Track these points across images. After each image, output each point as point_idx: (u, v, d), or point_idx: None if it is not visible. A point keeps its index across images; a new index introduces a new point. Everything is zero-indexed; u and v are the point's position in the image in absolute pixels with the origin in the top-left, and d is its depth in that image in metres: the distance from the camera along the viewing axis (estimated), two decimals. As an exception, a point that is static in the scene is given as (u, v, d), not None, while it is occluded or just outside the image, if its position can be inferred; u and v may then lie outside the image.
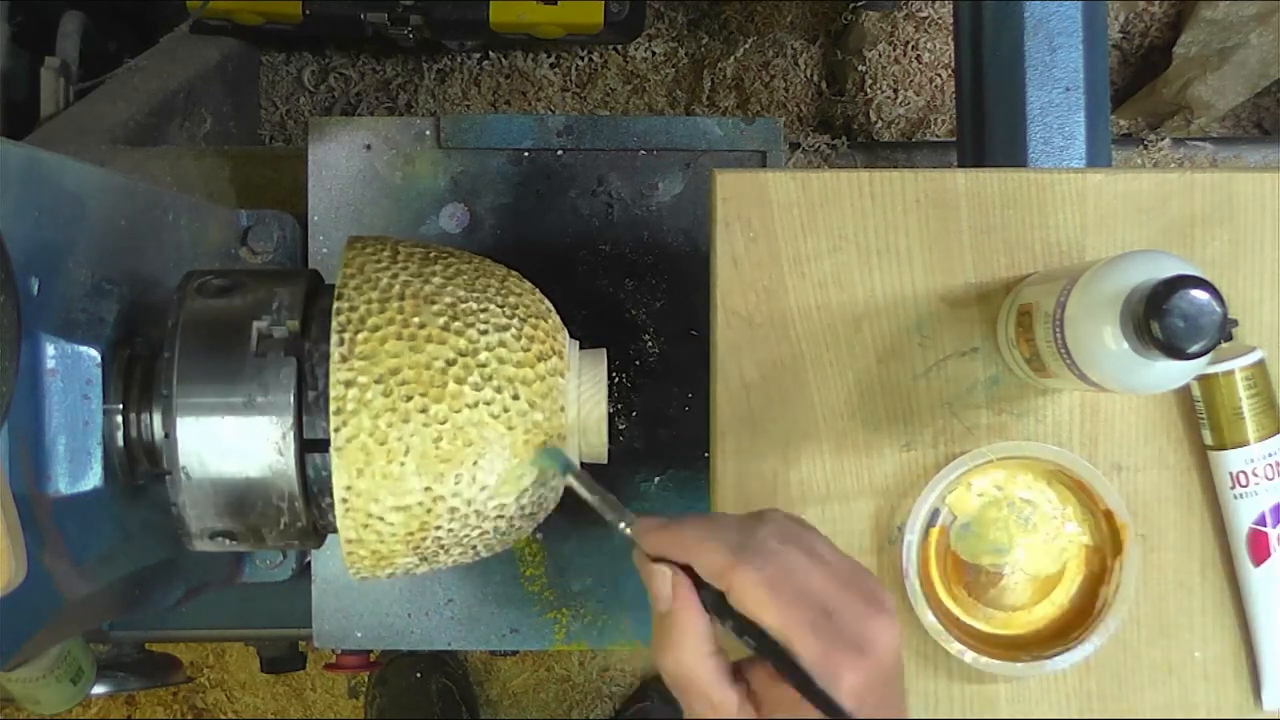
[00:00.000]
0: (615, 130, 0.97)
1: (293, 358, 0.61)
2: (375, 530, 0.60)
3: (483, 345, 0.60)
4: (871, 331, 0.71)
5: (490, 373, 0.60)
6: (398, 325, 0.59)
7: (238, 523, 0.62)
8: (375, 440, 0.58)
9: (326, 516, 0.63)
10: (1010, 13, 0.97)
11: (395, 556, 0.61)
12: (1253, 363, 0.68)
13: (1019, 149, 0.97)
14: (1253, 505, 0.69)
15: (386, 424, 0.58)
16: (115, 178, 0.71)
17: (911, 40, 1.54)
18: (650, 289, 0.96)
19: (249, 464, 0.61)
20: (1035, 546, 0.71)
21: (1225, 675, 0.72)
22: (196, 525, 0.62)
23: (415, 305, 0.60)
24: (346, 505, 0.59)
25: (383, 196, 0.96)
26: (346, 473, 0.58)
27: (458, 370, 0.59)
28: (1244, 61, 1.41)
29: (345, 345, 0.59)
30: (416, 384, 0.59)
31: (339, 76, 1.56)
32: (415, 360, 0.59)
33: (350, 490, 0.58)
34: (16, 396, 0.57)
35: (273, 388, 0.61)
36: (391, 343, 0.59)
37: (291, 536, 0.64)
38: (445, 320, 0.60)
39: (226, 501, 0.61)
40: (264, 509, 0.62)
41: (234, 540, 0.63)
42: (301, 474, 0.61)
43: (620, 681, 1.59)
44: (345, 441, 0.58)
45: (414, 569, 0.63)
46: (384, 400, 0.58)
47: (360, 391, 0.58)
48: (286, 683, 1.58)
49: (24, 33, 1.14)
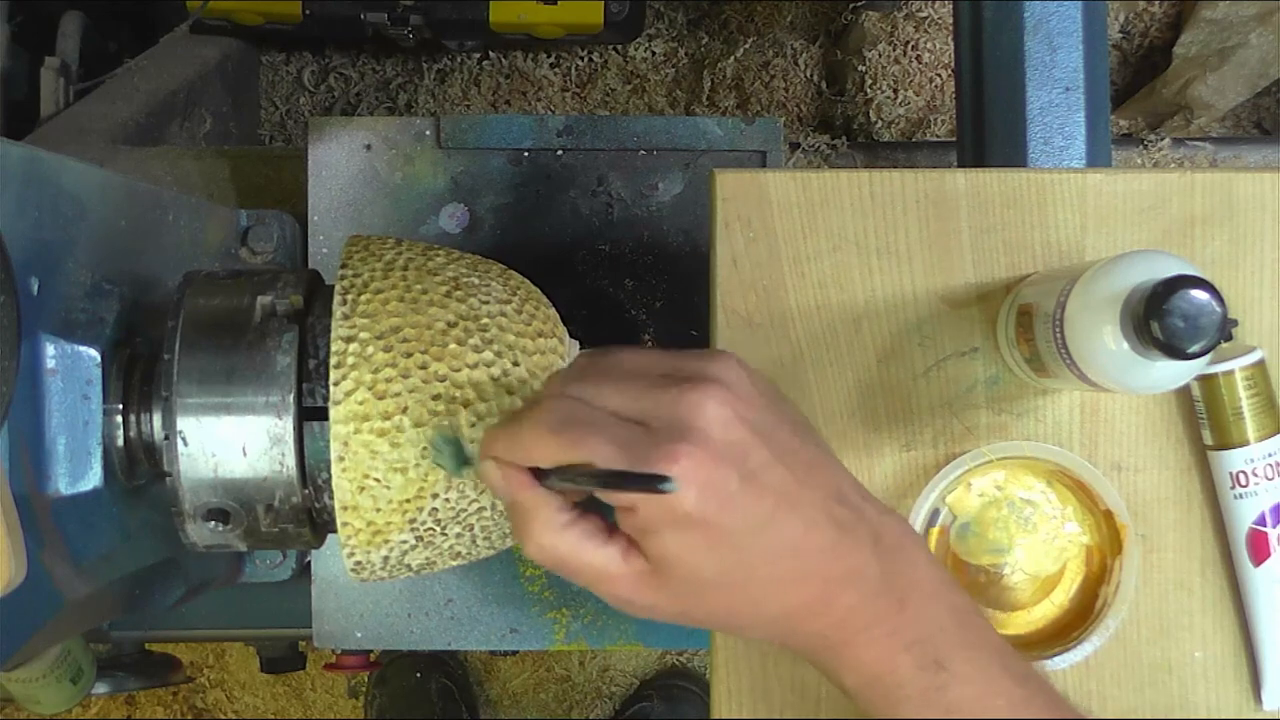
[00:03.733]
0: (615, 130, 0.97)
1: (295, 326, 0.62)
2: (371, 494, 0.59)
3: (484, 313, 0.61)
4: (871, 331, 0.71)
5: (491, 337, 0.61)
6: (400, 289, 0.61)
7: (232, 497, 0.61)
8: (374, 395, 0.58)
9: (323, 497, 0.62)
10: (1010, 13, 0.97)
11: (391, 531, 0.60)
12: (1253, 363, 0.68)
13: (1019, 149, 0.97)
14: (1253, 505, 0.69)
15: (386, 379, 0.59)
16: (115, 178, 0.71)
17: (911, 40, 1.54)
18: (650, 289, 0.96)
19: (247, 431, 0.61)
20: (1035, 546, 0.71)
21: (1225, 675, 0.72)
22: (190, 501, 0.61)
23: (419, 274, 0.62)
24: (343, 465, 0.58)
25: (383, 196, 0.96)
26: (344, 427, 0.58)
27: (458, 332, 0.60)
28: (1244, 61, 1.41)
29: (348, 305, 0.60)
30: (417, 342, 0.60)
31: (339, 76, 1.56)
32: (417, 320, 0.60)
33: (347, 448, 0.58)
34: (16, 396, 0.57)
35: (275, 354, 0.61)
36: (394, 304, 0.60)
37: (286, 519, 0.62)
38: (448, 289, 0.62)
39: (222, 470, 0.61)
40: (260, 482, 0.61)
41: (227, 523, 0.62)
42: (299, 443, 0.61)
43: (620, 681, 1.59)
44: (344, 395, 0.58)
45: (410, 553, 0.62)
46: (384, 355, 0.59)
47: (361, 346, 0.59)
48: (286, 683, 1.58)
49: (24, 33, 1.14)
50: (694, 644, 1.29)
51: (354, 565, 0.62)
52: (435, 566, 0.64)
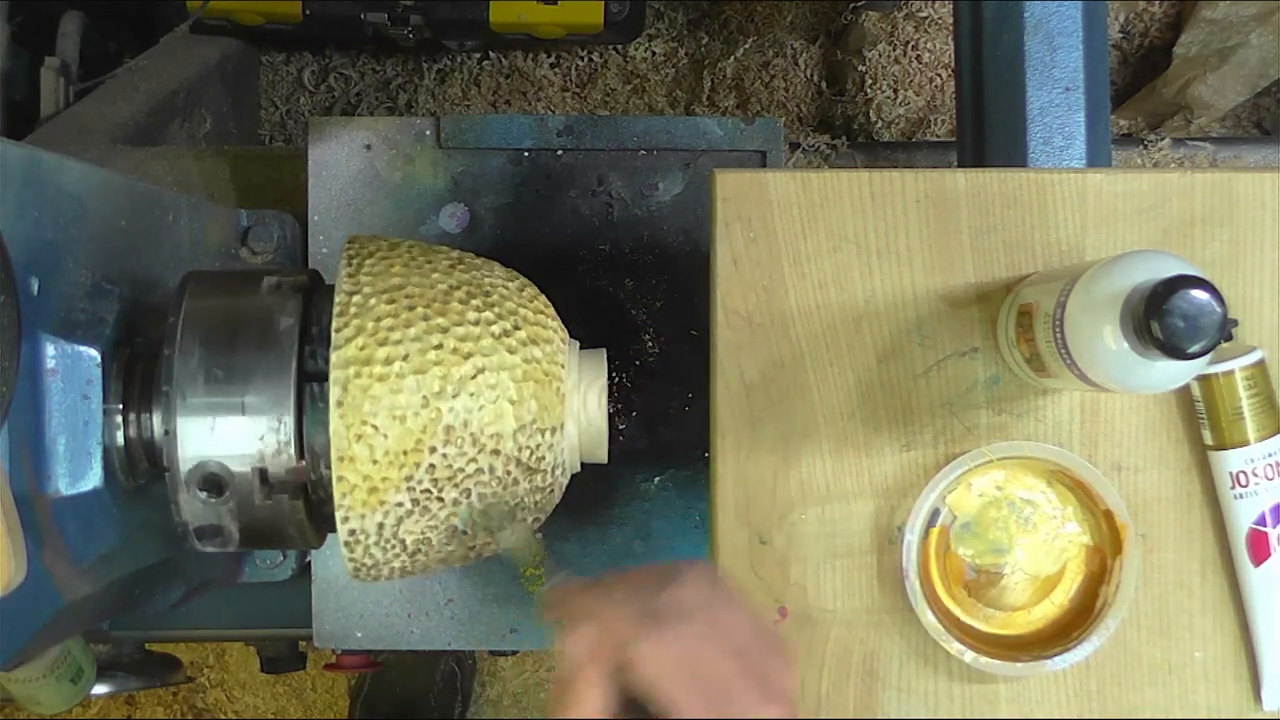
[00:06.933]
0: (615, 130, 0.97)
1: (300, 295, 0.64)
2: (368, 443, 0.58)
3: (487, 284, 0.63)
4: (871, 331, 0.71)
5: (494, 301, 0.62)
6: (405, 258, 0.63)
7: (227, 456, 0.61)
8: (375, 340, 0.59)
9: (320, 467, 0.62)
10: (1010, 13, 0.97)
11: (387, 490, 0.59)
12: (1253, 363, 0.68)
13: (1019, 149, 0.97)
14: (1253, 505, 0.69)
15: (388, 327, 0.59)
16: (115, 178, 0.71)
17: (911, 40, 1.54)
18: (650, 289, 0.96)
19: (248, 389, 0.61)
20: (1035, 546, 0.71)
21: (1225, 675, 0.72)
22: (184, 459, 0.60)
23: (423, 250, 0.64)
24: (341, 410, 0.58)
25: (383, 196, 0.96)
26: (343, 371, 0.58)
27: (462, 294, 0.62)
28: (1244, 61, 1.41)
29: (353, 266, 0.62)
30: (421, 299, 0.61)
31: (339, 76, 1.56)
32: (421, 281, 0.61)
33: (346, 392, 0.58)
34: (16, 396, 0.57)
35: (278, 315, 0.62)
36: (399, 268, 0.62)
37: (281, 489, 0.62)
38: (450, 264, 0.64)
39: (220, 428, 0.61)
40: (257, 440, 0.61)
41: (221, 494, 0.61)
42: (298, 404, 0.61)
43: (620, 681, 1.59)
44: (345, 341, 0.59)
45: (405, 522, 0.61)
46: (387, 308, 0.60)
47: (364, 299, 0.60)
48: (286, 683, 1.58)
49: (24, 33, 1.14)
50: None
51: (349, 536, 0.61)
52: (431, 550, 0.63)
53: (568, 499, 0.69)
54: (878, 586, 0.71)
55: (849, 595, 0.71)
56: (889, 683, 0.71)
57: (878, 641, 0.71)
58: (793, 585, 0.71)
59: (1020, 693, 0.71)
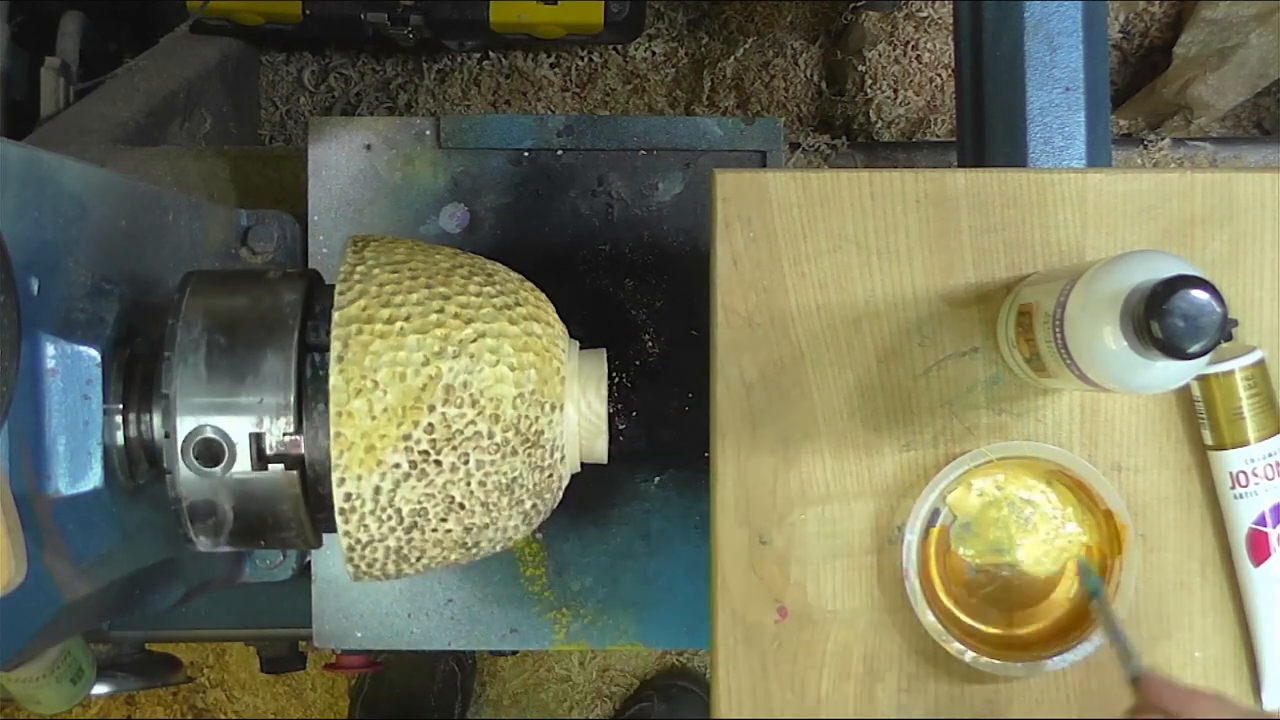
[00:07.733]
0: (615, 130, 0.97)
1: (304, 279, 0.65)
2: (367, 398, 0.58)
3: (490, 267, 0.65)
4: (871, 331, 0.71)
5: (496, 279, 0.64)
6: (409, 244, 0.65)
7: (223, 415, 0.61)
8: (378, 302, 0.60)
9: (318, 437, 0.61)
10: (1010, 13, 0.97)
11: (385, 449, 0.59)
12: (1253, 363, 0.68)
13: (1019, 149, 0.97)
14: (1253, 505, 0.69)
15: (390, 292, 0.61)
16: (115, 178, 0.71)
17: (911, 40, 1.54)
18: (650, 289, 0.96)
19: (248, 356, 0.61)
20: (1035, 546, 0.71)
21: (1225, 675, 0.72)
22: (182, 415, 0.60)
23: (425, 245, 0.66)
24: (341, 365, 0.58)
25: (383, 196, 0.96)
26: (345, 329, 0.59)
27: (464, 270, 0.63)
28: (1244, 61, 1.41)
29: (357, 246, 0.63)
30: (424, 272, 0.62)
31: (339, 76, 1.56)
32: (424, 259, 0.63)
33: (347, 348, 0.59)
34: (16, 396, 0.57)
35: (282, 291, 0.63)
36: (402, 249, 0.64)
37: (277, 458, 0.61)
38: (452, 251, 0.66)
39: (214, 381, 0.61)
40: (255, 405, 0.61)
41: (216, 464, 0.60)
42: (299, 367, 0.61)
43: (620, 681, 1.59)
44: (348, 303, 0.60)
45: (402, 486, 0.60)
46: (390, 276, 0.61)
47: (368, 269, 0.61)
48: (286, 683, 1.58)
49: (24, 33, 1.14)
50: (694, 644, 1.28)
51: (344, 502, 0.60)
52: (428, 525, 0.62)
53: (568, 499, 0.69)
54: (878, 586, 0.71)
55: (849, 595, 0.71)
56: (889, 683, 0.71)
57: (878, 641, 0.71)
58: (793, 585, 0.71)
59: (1020, 693, 0.71)
